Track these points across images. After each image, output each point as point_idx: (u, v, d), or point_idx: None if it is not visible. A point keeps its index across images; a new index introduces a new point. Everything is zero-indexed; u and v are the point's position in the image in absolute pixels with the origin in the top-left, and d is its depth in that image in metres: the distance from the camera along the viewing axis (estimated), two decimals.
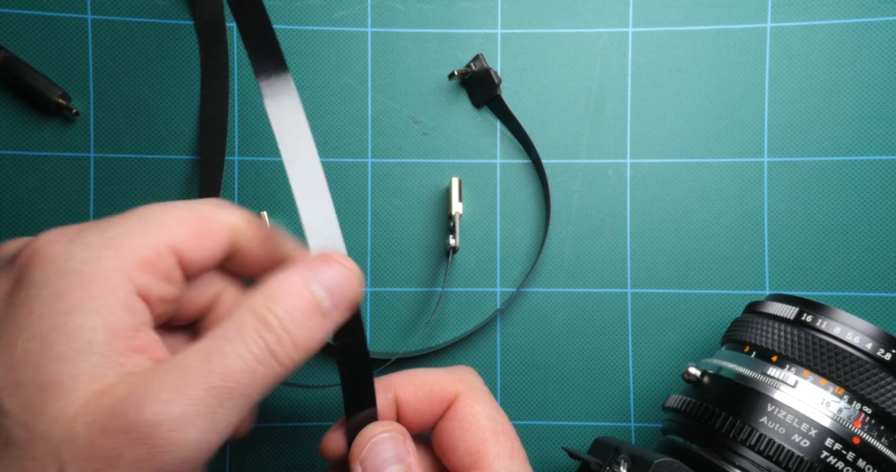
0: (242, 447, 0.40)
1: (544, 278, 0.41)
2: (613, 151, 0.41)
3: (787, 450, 0.29)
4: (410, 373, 0.28)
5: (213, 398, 0.21)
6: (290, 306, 0.23)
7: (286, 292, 0.23)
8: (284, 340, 0.23)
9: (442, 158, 0.41)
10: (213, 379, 0.21)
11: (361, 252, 0.41)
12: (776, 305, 0.34)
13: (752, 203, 0.41)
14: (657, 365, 0.41)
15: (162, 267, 0.24)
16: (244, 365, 0.22)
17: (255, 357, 0.22)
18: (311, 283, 0.24)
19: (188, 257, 0.24)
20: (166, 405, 0.20)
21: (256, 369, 0.22)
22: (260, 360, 0.22)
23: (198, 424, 0.21)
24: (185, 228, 0.24)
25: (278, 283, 0.24)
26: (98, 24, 0.41)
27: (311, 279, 0.24)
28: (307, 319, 0.23)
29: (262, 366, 0.22)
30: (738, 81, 0.41)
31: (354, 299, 0.25)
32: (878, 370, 0.30)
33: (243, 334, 0.22)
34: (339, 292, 0.24)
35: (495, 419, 0.27)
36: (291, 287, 0.23)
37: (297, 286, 0.23)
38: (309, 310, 0.23)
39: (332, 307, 0.24)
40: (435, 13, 0.41)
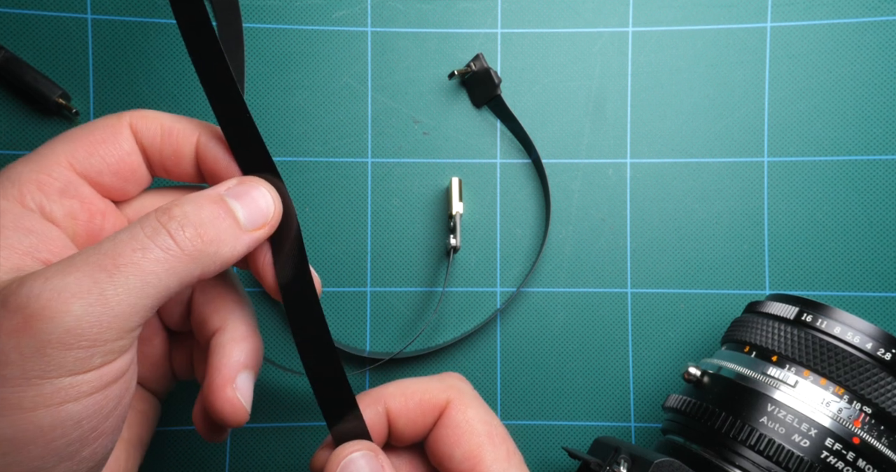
0: (242, 447, 0.40)
1: (544, 278, 0.41)
2: (613, 151, 0.41)
3: (787, 450, 0.29)
4: (400, 384, 0.28)
5: (101, 274, 0.21)
6: (199, 204, 0.23)
7: (198, 197, 0.24)
8: (187, 227, 0.23)
9: (442, 158, 0.41)
10: (101, 258, 0.21)
11: (361, 252, 0.41)
12: (776, 305, 0.34)
13: (752, 203, 0.41)
14: (657, 365, 0.41)
15: (55, 185, 0.24)
16: (136, 245, 0.22)
17: (149, 237, 0.22)
18: (224, 195, 0.24)
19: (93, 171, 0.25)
20: (46, 281, 0.20)
21: (151, 249, 0.22)
22: (157, 242, 0.22)
23: (81, 296, 0.20)
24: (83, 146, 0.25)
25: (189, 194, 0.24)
26: (98, 24, 0.41)
27: (227, 193, 0.24)
28: (216, 218, 0.23)
29: (160, 249, 0.22)
30: (738, 80, 0.41)
31: (271, 218, 0.25)
32: (878, 370, 0.30)
33: (142, 222, 0.22)
34: (255, 208, 0.24)
35: (488, 422, 0.27)
36: (204, 195, 0.24)
37: (211, 196, 0.24)
38: (220, 211, 0.23)
39: (246, 220, 0.24)
40: (435, 13, 0.41)
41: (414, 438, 0.27)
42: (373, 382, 0.41)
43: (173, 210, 0.23)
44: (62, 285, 0.20)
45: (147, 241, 0.22)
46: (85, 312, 0.20)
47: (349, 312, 0.41)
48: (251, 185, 0.25)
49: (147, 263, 0.22)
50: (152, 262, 0.22)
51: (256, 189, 0.25)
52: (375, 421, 0.27)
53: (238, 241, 0.24)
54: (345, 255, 0.41)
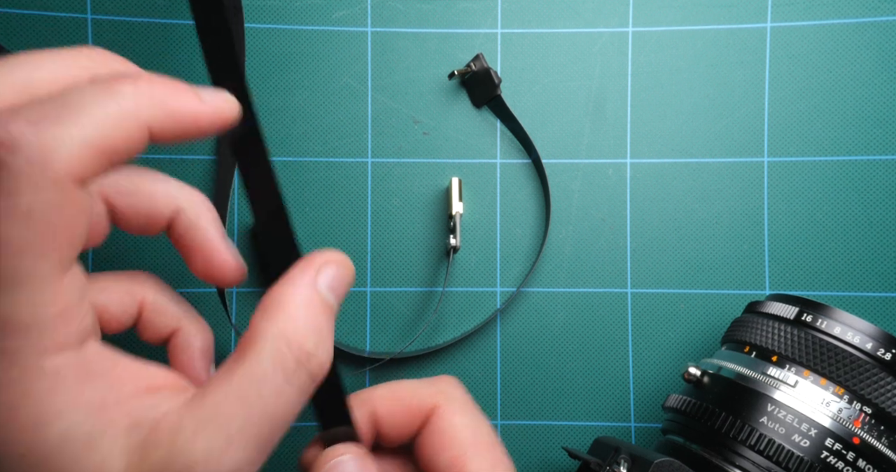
0: None
1: (544, 278, 0.41)
2: (613, 151, 0.41)
3: (787, 450, 0.29)
4: (390, 386, 0.27)
5: (263, 442, 0.22)
6: (318, 325, 0.22)
7: (309, 309, 0.23)
8: (323, 360, 0.22)
9: (442, 158, 0.41)
10: (261, 428, 0.21)
11: (361, 252, 0.41)
12: (776, 305, 0.34)
13: (752, 203, 0.41)
14: (657, 365, 0.41)
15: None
16: (287, 402, 0.22)
17: (298, 390, 0.22)
18: (324, 291, 0.23)
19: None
20: (220, 464, 0.20)
21: (299, 399, 0.22)
22: (302, 391, 0.22)
23: (251, 468, 0.21)
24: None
25: (295, 297, 0.23)
26: (98, 24, 0.40)
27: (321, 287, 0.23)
28: (331, 330, 0.23)
29: (304, 396, 0.22)
30: (738, 80, 0.41)
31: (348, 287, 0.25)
32: (878, 370, 0.30)
33: (285, 369, 0.22)
34: (341, 289, 0.24)
35: (475, 430, 0.26)
36: (310, 302, 0.23)
37: (315, 300, 0.23)
38: (329, 321, 0.23)
39: (336, 304, 0.24)
40: (435, 13, 0.41)
41: (400, 440, 0.27)
42: (373, 382, 0.41)
43: (307, 347, 0.22)
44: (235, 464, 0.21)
45: (294, 393, 0.22)
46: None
47: (349, 312, 0.41)
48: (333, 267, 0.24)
49: (295, 412, 0.22)
50: (297, 408, 0.22)
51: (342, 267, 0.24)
52: (362, 422, 0.27)
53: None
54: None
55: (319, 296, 0.23)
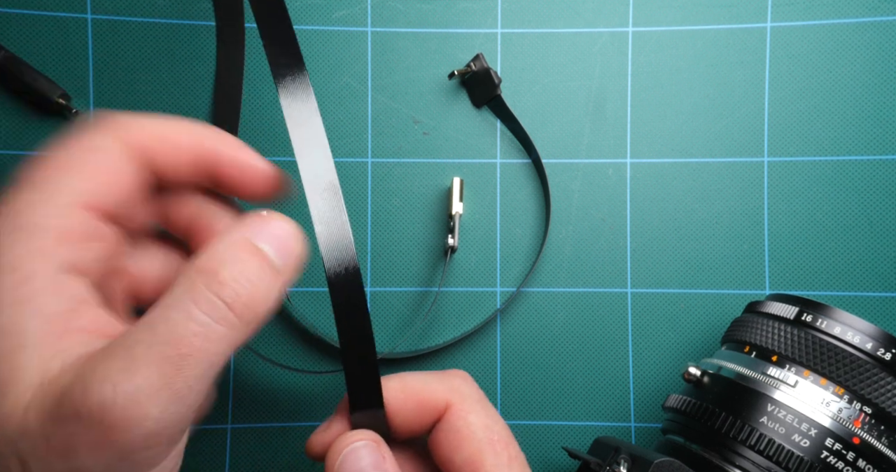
0: (242, 447, 0.40)
1: (544, 278, 0.41)
2: (613, 151, 0.41)
3: (787, 450, 0.29)
4: (402, 378, 0.27)
5: (168, 368, 0.20)
6: (241, 261, 0.22)
7: (234, 249, 0.22)
8: (241, 294, 0.21)
9: (442, 158, 0.41)
10: (164, 349, 0.20)
11: (361, 252, 0.41)
12: (776, 305, 0.34)
13: (752, 203, 0.41)
14: (657, 365, 0.41)
15: (78, 231, 0.22)
16: (197, 328, 0.20)
17: (209, 317, 0.21)
18: (257, 240, 0.23)
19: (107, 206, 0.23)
20: (115, 386, 0.19)
21: (214, 329, 0.21)
22: (217, 318, 0.21)
23: (155, 397, 0.20)
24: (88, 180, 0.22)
25: (223, 242, 0.22)
26: (98, 24, 0.40)
27: (256, 237, 0.23)
28: (260, 275, 0.22)
29: (220, 325, 0.21)
30: (738, 81, 0.41)
31: (300, 257, 0.24)
32: (878, 370, 0.30)
33: (193, 294, 0.21)
34: (286, 249, 0.23)
35: (490, 427, 0.26)
36: (238, 244, 0.22)
37: (244, 242, 0.22)
38: (261, 267, 0.22)
39: (281, 265, 0.23)
40: (435, 13, 0.41)
41: (411, 434, 0.27)
42: None
43: (221, 273, 0.21)
44: (134, 389, 0.19)
45: (206, 319, 0.21)
46: (162, 412, 0.20)
47: None
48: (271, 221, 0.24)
49: (211, 345, 0.21)
50: (215, 343, 0.21)
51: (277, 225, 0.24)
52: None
53: (277, 291, 0.23)
54: None
55: (248, 241, 0.22)
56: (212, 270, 0.21)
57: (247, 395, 0.40)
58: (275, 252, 0.23)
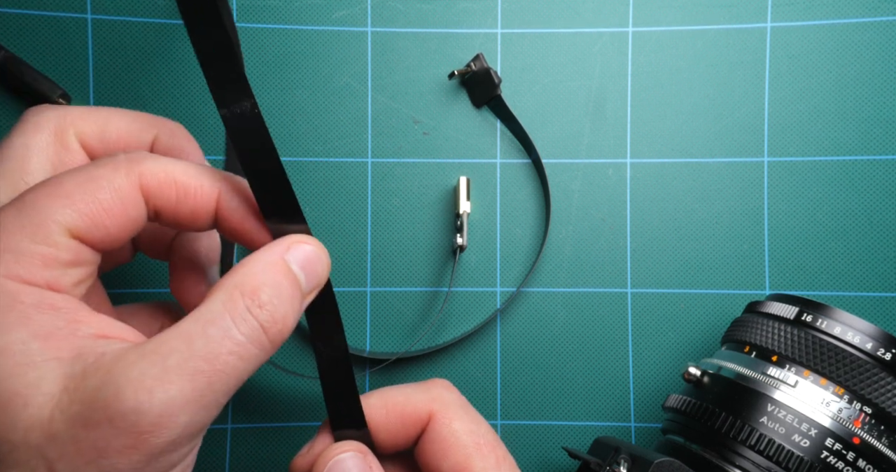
0: (242, 447, 0.40)
1: (544, 278, 0.41)
2: (613, 151, 0.41)
3: (787, 450, 0.29)
4: (383, 393, 0.27)
5: (202, 382, 0.21)
6: (278, 284, 0.23)
7: (273, 271, 0.23)
8: (277, 318, 0.22)
9: (442, 158, 0.41)
10: (199, 363, 0.21)
11: (361, 252, 0.41)
12: (776, 305, 0.34)
13: (752, 203, 0.41)
14: (657, 365, 0.41)
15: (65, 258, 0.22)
16: (233, 347, 0.21)
17: (246, 337, 0.21)
18: (290, 263, 0.23)
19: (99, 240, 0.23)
20: (151, 393, 0.20)
21: (248, 350, 0.21)
22: (252, 340, 0.22)
23: (186, 407, 0.20)
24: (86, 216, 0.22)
25: (262, 261, 0.23)
26: (98, 24, 0.40)
27: (290, 259, 0.23)
28: (292, 299, 0.23)
29: (254, 346, 0.22)
30: (738, 80, 0.41)
31: (324, 279, 0.25)
32: (878, 370, 0.30)
33: (233, 313, 0.22)
34: (313, 270, 0.24)
35: (475, 432, 0.26)
36: (277, 265, 0.23)
37: (279, 265, 0.23)
38: (293, 290, 0.23)
39: (307, 286, 0.24)
40: (435, 13, 0.41)
41: (396, 448, 0.27)
42: (373, 382, 0.41)
43: (262, 297, 0.22)
44: (168, 399, 0.20)
45: (242, 339, 0.21)
46: (190, 420, 0.21)
47: (349, 312, 0.41)
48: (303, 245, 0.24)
49: (242, 364, 0.21)
50: (247, 362, 0.22)
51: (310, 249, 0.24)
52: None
53: (300, 312, 0.24)
54: (345, 255, 0.41)
55: (285, 264, 0.23)
56: (252, 290, 0.22)
57: (247, 395, 0.40)
58: (304, 275, 0.24)
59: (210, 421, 0.22)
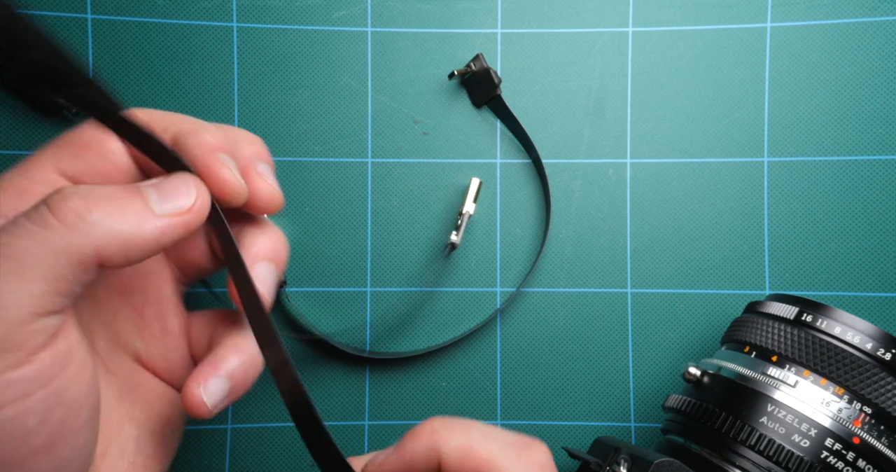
0: (242, 447, 0.40)
1: (544, 278, 0.41)
2: (613, 151, 0.41)
3: (787, 450, 0.29)
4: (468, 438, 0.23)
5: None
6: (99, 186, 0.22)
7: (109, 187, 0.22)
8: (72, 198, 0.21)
9: (442, 158, 0.41)
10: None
11: (361, 252, 0.41)
12: (776, 305, 0.34)
13: (752, 203, 0.41)
14: (657, 365, 0.41)
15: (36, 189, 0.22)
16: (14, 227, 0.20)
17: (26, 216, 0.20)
18: (139, 184, 0.23)
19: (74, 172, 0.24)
20: None
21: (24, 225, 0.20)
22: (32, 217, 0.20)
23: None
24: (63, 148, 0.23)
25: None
26: (98, 24, 0.40)
27: (146, 184, 0.23)
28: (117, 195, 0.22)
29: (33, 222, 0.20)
30: (738, 80, 0.41)
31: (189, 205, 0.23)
32: (878, 370, 0.30)
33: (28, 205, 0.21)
34: (172, 192, 0.23)
35: None
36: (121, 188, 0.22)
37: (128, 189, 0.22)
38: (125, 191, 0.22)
39: (159, 204, 0.22)
40: (435, 13, 0.41)
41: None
42: (372, 382, 0.41)
43: (65, 188, 0.21)
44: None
45: (22, 219, 0.20)
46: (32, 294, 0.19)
47: (349, 312, 0.41)
48: (175, 174, 0.23)
49: (20, 242, 0.19)
50: (25, 239, 0.19)
51: (179, 177, 0.23)
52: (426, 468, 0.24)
53: (144, 220, 0.22)
54: (345, 255, 0.41)
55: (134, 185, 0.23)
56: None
57: (247, 395, 0.40)
58: (156, 193, 0.22)
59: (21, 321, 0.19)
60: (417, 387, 0.41)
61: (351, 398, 0.40)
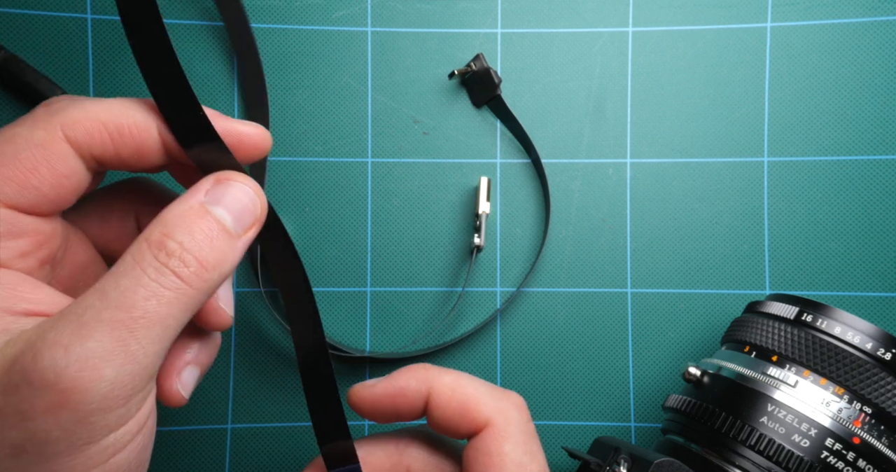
0: (242, 447, 0.40)
1: (544, 278, 0.41)
2: (613, 151, 0.41)
3: (787, 450, 0.29)
4: (458, 377, 0.26)
5: (120, 331, 0.20)
6: (190, 229, 0.22)
7: (184, 218, 0.22)
8: (189, 261, 0.22)
9: (442, 158, 0.41)
10: (115, 313, 0.20)
11: (361, 252, 0.41)
12: (776, 305, 0.34)
13: (752, 203, 0.41)
14: (657, 365, 0.41)
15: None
16: (147, 293, 0.21)
17: (158, 283, 0.21)
18: (208, 205, 0.23)
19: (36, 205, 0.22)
20: (67, 349, 0.19)
21: (163, 294, 0.21)
22: (165, 285, 0.21)
23: (109, 359, 0.20)
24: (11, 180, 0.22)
25: (173, 210, 0.22)
26: (98, 24, 0.41)
27: (208, 202, 0.23)
28: (212, 239, 0.22)
29: (170, 290, 0.21)
30: (738, 80, 0.41)
31: (259, 213, 0.24)
32: (878, 370, 0.30)
33: (141, 263, 0.21)
34: (241, 208, 0.23)
35: (524, 466, 0.25)
36: (188, 212, 0.22)
37: (194, 210, 0.22)
38: (212, 230, 0.22)
39: (237, 225, 0.23)
40: (435, 13, 0.41)
41: (446, 432, 0.27)
42: None
43: (168, 244, 0.22)
44: (86, 352, 0.20)
45: (155, 285, 0.21)
46: (117, 373, 0.20)
47: (349, 312, 0.41)
48: (229, 183, 0.23)
49: (163, 309, 0.21)
50: (167, 306, 0.21)
51: (236, 186, 0.24)
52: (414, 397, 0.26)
53: (235, 252, 0.23)
54: (345, 255, 0.41)
55: (201, 207, 0.23)
56: (158, 242, 0.22)
57: (247, 395, 0.40)
58: (229, 215, 0.23)
59: (145, 375, 0.21)
60: None
61: None
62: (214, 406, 0.40)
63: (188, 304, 0.22)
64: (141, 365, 0.21)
